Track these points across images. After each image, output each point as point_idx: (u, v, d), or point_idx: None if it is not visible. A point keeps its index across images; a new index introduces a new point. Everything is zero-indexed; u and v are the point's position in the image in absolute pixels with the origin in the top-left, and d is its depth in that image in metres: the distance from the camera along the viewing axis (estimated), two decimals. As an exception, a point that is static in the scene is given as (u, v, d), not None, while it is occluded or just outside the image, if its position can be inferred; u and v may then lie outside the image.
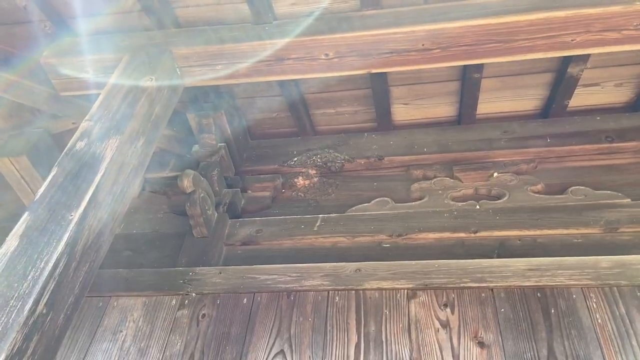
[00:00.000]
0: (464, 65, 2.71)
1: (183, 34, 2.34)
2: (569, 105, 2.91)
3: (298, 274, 2.38)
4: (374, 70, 2.26)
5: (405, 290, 2.26)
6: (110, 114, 2.00)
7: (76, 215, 1.63)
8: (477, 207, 2.72)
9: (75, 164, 1.80)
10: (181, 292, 2.41)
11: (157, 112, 2.13)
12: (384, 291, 2.27)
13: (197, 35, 2.32)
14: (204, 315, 2.34)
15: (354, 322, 2.21)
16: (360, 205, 2.85)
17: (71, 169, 1.78)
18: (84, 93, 2.43)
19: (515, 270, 2.23)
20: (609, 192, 2.65)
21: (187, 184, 2.62)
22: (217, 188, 2.92)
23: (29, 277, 1.49)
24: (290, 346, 2.19)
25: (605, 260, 2.22)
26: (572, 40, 2.09)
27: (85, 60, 2.36)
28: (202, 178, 2.78)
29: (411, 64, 2.21)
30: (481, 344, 2.08)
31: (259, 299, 2.34)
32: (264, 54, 2.26)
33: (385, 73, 2.78)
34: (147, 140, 2.04)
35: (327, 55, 2.21)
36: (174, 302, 2.40)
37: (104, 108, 2.03)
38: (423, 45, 2.15)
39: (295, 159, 3.14)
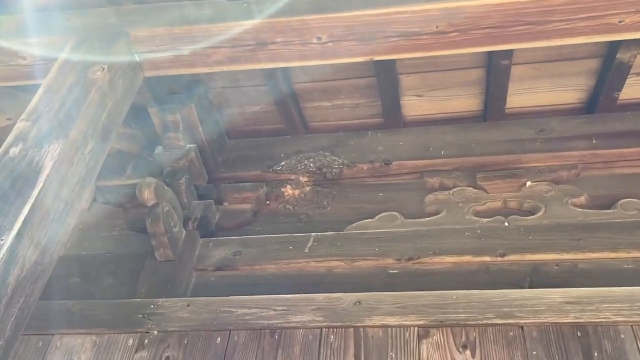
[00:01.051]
0: (490, 50, 2.72)
1: (143, 12, 2.34)
2: (619, 98, 2.93)
3: (284, 307, 2.40)
4: (377, 58, 2.27)
5: (416, 328, 2.27)
6: (52, 113, 2.00)
7: (8, 240, 1.64)
8: (506, 224, 2.73)
9: (8, 175, 1.81)
10: (140, 330, 2.42)
11: (110, 109, 2.14)
12: (389, 329, 2.28)
13: (160, 14, 2.32)
14: (167, 358, 2.34)
15: (353, 367, 2.23)
16: (361, 222, 2.85)
17: (2, 182, 1.79)
18: (22, 84, 2.44)
19: (551, 304, 2.25)
20: (668, 206, 2.67)
21: (148, 194, 2.63)
22: (185, 199, 2.92)
23: (-51, 316, 1.50)
24: (274, 397, 2.20)
25: (661, 292, 2.23)
26: (619, 22, 2.10)
27: (23, 43, 2.37)
28: (167, 187, 2.79)
29: (423, 50, 2.21)
30: (508, 395, 2.10)
31: (235, 338, 2.35)
32: (243, 37, 2.26)
33: (392, 59, 2.78)
34: (97, 143, 2.05)
35: (319, 38, 2.21)
36: (131, 341, 2.41)
37: (45, 105, 2.04)
38: (437, 27, 2.15)
39: (283, 163, 3.14)
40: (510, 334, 2.21)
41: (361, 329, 2.30)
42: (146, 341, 2.40)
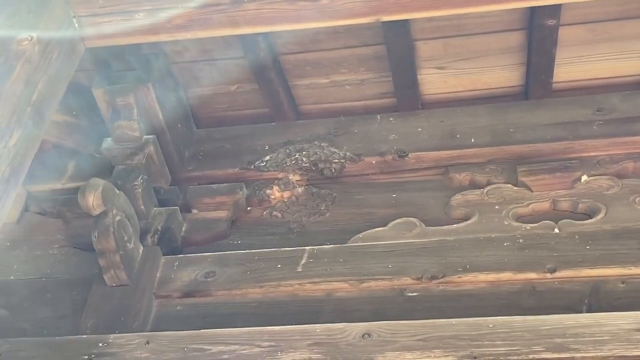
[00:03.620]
0: (532, 7, 2.71)
1: (83, -38, 2.34)
2: (699, 68, 2.94)
3: (272, 343, 2.37)
4: (385, 18, 2.28)
5: (443, 366, 2.26)
6: (-36, 94, 1.99)
7: None
8: (556, 230, 2.72)
9: None
10: (86, 375, 2.41)
11: (42, 89, 2.12)
12: (408, 368, 2.28)
13: (105, -35, 2.33)
14: (121, 411, 2.33)
15: (361, 418, 2.21)
16: (370, 231, 2.85)
17: None
18: None
19: (617, 332, 2.21)
20: None
21: (93, 201, 2.61)
22: (142, 207, 2.91)
23: None
24: None
25: None
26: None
27: None
28: (119, 191, 2.77)
29: (446, 7, 2.21)
30: None
31: (210, 383, 2.34)
32: (213, -6, 2.27)
33: (407, 20, 2.77)
34: (26, 134, 2.02)
35: (311, -6, 2.22)
36: (74, 391, 2.39)
37: (-45, 84, 2.02)
38: (464, -26, 2.16)
39: (268, 157, 3.13)
40: (565, 371, 2.19)
41: (372, 369, 2.28)
42: (94, 390, 2.38)
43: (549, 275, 2.57)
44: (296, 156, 3.12)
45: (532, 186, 2.88)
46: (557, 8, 2.71)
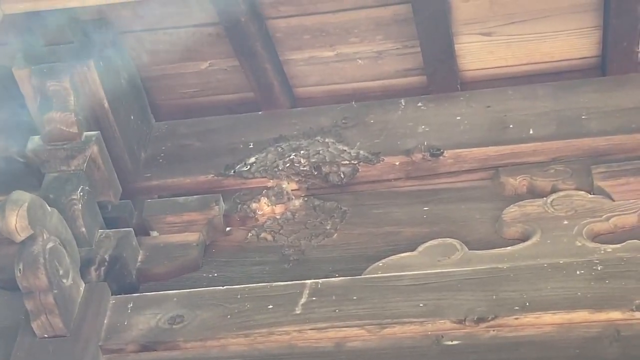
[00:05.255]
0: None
1: None
2: None
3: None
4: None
5: None
6: None
7: None
8: (648, 253, 2.71)
9: None
10: None
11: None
12: None
13: None
14: None
15: None
16: (393, 258, 2.85)
17: None
18: None
19: None
20: None
21: (16, 222, 2.59)
22: (83, 229, 2.91)
23: None
24: None
25: None
26: None
27: None
28: (51, 208, 2.76)
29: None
30: None
31: None
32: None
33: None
34: None
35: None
36: None
37: None
38: None
39: (253, 159, 3.14)
40: None
41: None
42: None
43: (637, 315, 2.55)
44: (291, 157, 3.12)
45: (613, 193, 2.89)
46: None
